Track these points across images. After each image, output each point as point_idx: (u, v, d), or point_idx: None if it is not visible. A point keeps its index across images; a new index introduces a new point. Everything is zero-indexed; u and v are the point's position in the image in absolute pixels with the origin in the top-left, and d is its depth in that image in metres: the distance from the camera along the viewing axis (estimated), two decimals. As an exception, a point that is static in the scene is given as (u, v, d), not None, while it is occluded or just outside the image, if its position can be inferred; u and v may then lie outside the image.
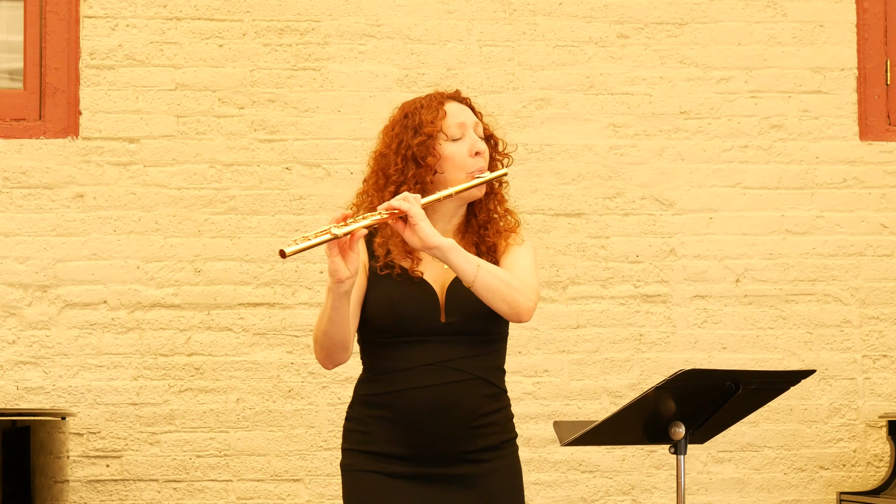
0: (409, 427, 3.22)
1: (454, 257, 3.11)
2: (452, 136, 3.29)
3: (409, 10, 5.27)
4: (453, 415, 3.21)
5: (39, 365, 5.09)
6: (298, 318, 5.16)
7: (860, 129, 5.37)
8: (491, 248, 3.31)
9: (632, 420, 3.12)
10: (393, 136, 3.32)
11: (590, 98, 5.30)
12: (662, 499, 5.22)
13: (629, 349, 5.25)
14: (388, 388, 3.24)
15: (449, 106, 3.32)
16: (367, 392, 3.30)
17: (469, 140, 3.30)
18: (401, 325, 3.22)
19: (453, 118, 3.30)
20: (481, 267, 3.13)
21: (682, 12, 5.34)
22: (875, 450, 5.30)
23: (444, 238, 3.11)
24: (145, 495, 5.09)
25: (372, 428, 3.26)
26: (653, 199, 5.30)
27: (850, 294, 5.33)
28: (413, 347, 3.23)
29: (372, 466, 3.26)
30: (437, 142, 3.27)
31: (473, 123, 3.33)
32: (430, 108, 3.30)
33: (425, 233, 3.08)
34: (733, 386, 3.09)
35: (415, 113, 3.32)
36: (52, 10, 5.15)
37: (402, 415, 3.22)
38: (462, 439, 3.23)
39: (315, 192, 5.20)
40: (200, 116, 5.20)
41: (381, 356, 3.27)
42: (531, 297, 3.20)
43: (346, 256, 3.09)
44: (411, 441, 3.22)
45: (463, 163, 3.28)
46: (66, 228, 5.13)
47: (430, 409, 3.20)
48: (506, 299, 3.15)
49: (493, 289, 3.14)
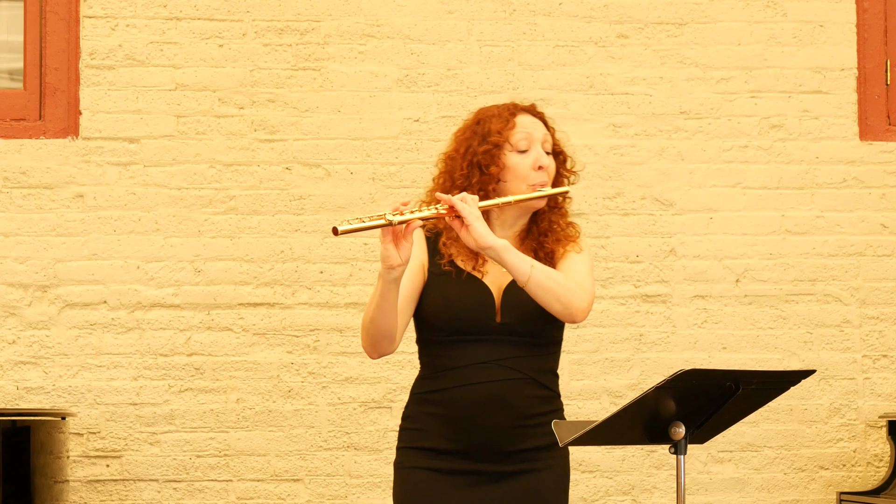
0: (463, 422, 3.29)
1: (508, 257, 3.19)
2: (518, 148, 3.35)
3: (409, 10, 5.27)
4: (505, 411, 3.29)
5: (39, 365, 5.09)
6: (298, 318, 5.16)
7: (860, 129, 5.37)
8: (549, 254, 3.38)
9: (632, 420, 3.12)
10: (462, 140, 3.40)
11: (590, 98, 5.30)
12: (662, 499, 5.22)
13: (629, 349, 5.25)
14: (443, 384, 3.32)
15: (520, 118, 3.39)
16: (424, 390, 3.38)
17: (534, 153, 3.36)
18: (456, 323, 3.30)
19: (521, 130, 3.36)
20: (535, 267, 3.21)
21: (682, 12, 5.35)
22: (875, 450, 5.30)
23: (497, 238, 3.19)
24: (145, 495, 5.09)
25: (425, 424, 3.34)
26: (653, 199, 5.31)
27: (850, 294, 5.33)
28: (468, 346, 3.30)
29: (422, 463, 3.34)
30: (502, 151, 3.34)
31: (542, 137, 3.39)
32: (500, 118, 3.37)
33: (479, 233, 3.16)
34: (733, 386, 3.09)
35: (486, 120, 3.39)
36: (52, 10, 5.15)
37: (456, 410, 3.29)
38: (513, 436, 3.30)
39: (315, 192, 5.20)
40: (200, 116, 5.20)
41: (438, 354, 3.34)
42: (585, 298, 3.27)
43: (399, 244, 3.15)
44: (463, 437, 3.30)
45: (525, 175, 3.35)
46: (66, 228, 5.13)
47: (483, 404, 3.28)
48: (560, 299, 3.22)
49: (547, 288, 3.21)
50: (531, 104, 3.45)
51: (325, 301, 5.18)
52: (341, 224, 3.08)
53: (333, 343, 5.16)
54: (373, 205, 5.20)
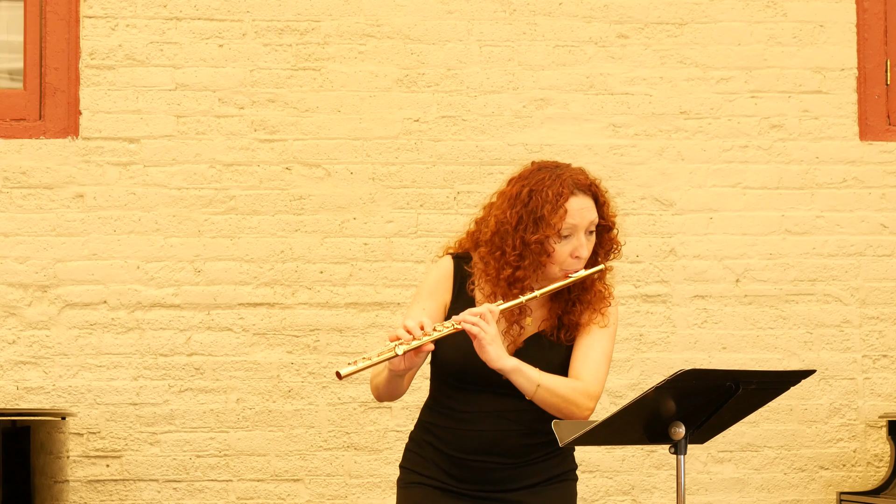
0: (460, 462, 3.38)
1: (516, 378, 3.28)
2: (562, 235, 3.36)
3: (409, 10, 5.27)
4: (501, 458, 3.37)
5: (39, 365, 5.09)
6: (298, 318, 5.16)
7: (860, 129, 5.37)
8: (574, 325, 3.43)
9: (632, 420, 3.12)
10: (514, 213, 3.38)
11: (590, 98, 5.30)
12: (662, 499, 5.22)
13: (629, 349, 5.25)
14: (447, 423, 3.41)
15: (571, 203, 3.36)
16: (429, 420, 3.47)
17: (574, 242, 3.37)
18: (464, 372, 3.37)
19: (570, 221, 3.35)
20: (540, 387, 3.30)
21: (682, 12, 5.34)
22: (875, 450, 5.30)
23: (509, 360, 3.27)
24: (145, 495, 5.09)
25: (426, 453, 3.44)
26: (653, 199, 5.31)
27: (850, 294, 5.33)
28: (477, 395, 3.38)
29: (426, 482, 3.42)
30: (550, 241, 3.35)
31: (587, 225, 3.38)
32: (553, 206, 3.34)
33: (491, 356, 3.25)
34: (733, 386, 3.09)
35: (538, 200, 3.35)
36: (52, 10, 5.15)
37: (454, 451, 3.39)
38: (508, 479, 3.39)
39: (315, 192, 5.20)
40: (200, 116, 5.20)
41: (447, 395, 3.43)
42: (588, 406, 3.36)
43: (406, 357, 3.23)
44: (460, 474, 3.39)
45: (562, 260, 3.37)
46: (66, 228, 5.13)
47: (481, 450, 3.37)
48: (561, 411, 3.33)
49: (550, 404, 3.32)
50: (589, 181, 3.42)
51: (325, 301, 5.18)
52: (345, 367, 3.15)
53: (333, 343, 5.16)
54: (373, 205, 5.20)
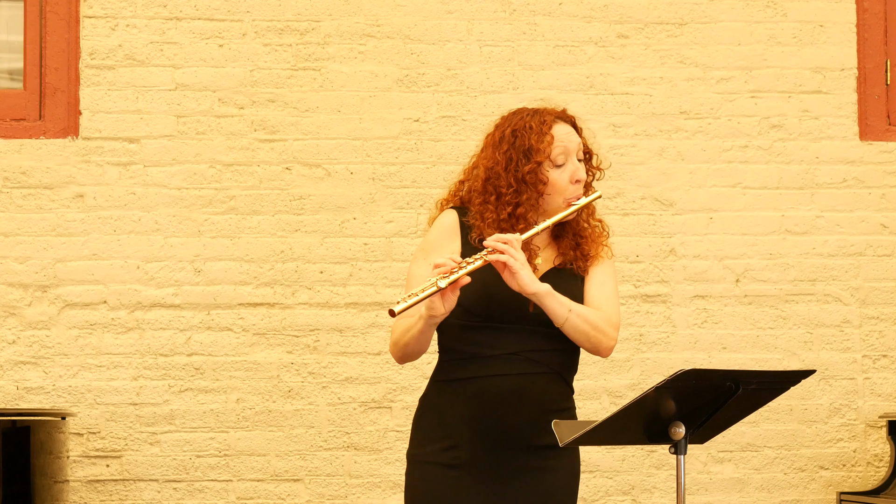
0: (483, 413, 3.33)
1: (548, 302, 3.29)
2: (556, 163, 3.40)
3: (409, 10, 5.27)
4: (527, 405, 3.34)
5: (39, 365, 5.09)
6: (298, 318, 5.16)
7: (860, 129, 5.37)
8: (585, 256, 3.45)
9: (632, 420, 3.12)
10: (502, 153, 3.42)
11: (590, 98, 5.30)
12: (662, 499, 5.22)
13: (629, 349, 5.25)
14: (467, 373, 3.37)
15: (556, 129, 3.41)
16: (448, 377, 3.41)
17: (571, 167, 3.41)
18: (490, 310, 3.35)
19: (559, 144, 3.39)
20: (572, 311, 3.31)
21: (682, 12, 5.35)
22: (875, 450, 5.30)
23: (540, 284, 3.27)
24: (145, 495, 5.09)
25: (445, 411, 3.38)
26: (653, 199, 5.31)
27: (850, 294, 5.33)
28: (498, 334, 3.36)
29: (439, 458, 3.37)
30: (543, 168, 3.38)
31: (576, 147, 3.43)
32: (538, 133, 3.39)
33: (524, 281, 3.25)
34: (733, 386, 3.09)
35: (523, 134, 3.41)
36: (52, 10, 5.15)
37: (481, 401, 3.34)
38: (532, 430, 3.34)
39: (315, 192, 5.20)
40: (200, 116, 5.20)
41: (466, 340, 3.38)
42: (613, 336, 3.39)
43: (446, 296, 3.23)
44: (482, 427, 3.34)
45: (563, 189, 3.40)
46: (66, 228, 5.13)
47: (506, 396, 3.33)
48: (591, 340, 3.35)
49: (581, 331, 3.33)
50: (563, 110, 3.48)
51: (325, 301, 5.18)
52: (396, 305, 3.15)
53: (333, 343, 5.17)
54: (373, 205, 5.20)
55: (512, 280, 3.25)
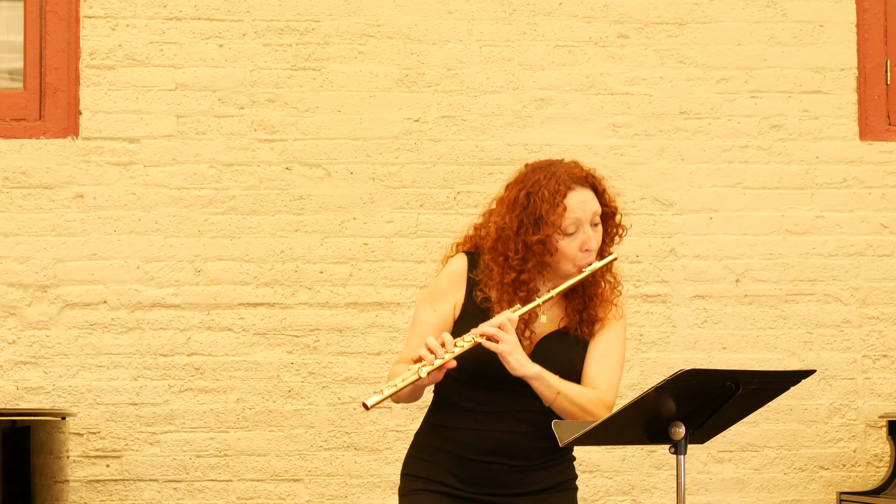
0: (472, 464, 3.35)
1: (537, 385, 3.29)
2: (567, 233, 3.35)
3: (409, 10, 5.27)
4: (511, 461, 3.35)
5: (39, 365, 5.09)
6: (298, 318, 5.16)
7: (860, 129, 5.37)
8: (591, 319, 3.42)
9: (632, 420, 3.12)
10: (513, 216, 3.37)
11: (590, 98, 5.30)
12: (662, 499, 5.22)
13: (629, 349, 5.25)
14: (458, 423, 3.39)
15: (570, 198, 3.34)
16: (438, 422, 3.44)
17: (581, 236, 3.36)
18: (483, 370, 3.33)
19: (571, 215, 3.33)
20: (560, 394, 3.30)
21: (682, 12, 5.34)
22: (875, 450, 5.30)
23: (531, 367, 3.27)
24: (145, 495, 5.09)
25: (436, 458, 3.40)
26: (653, 199, 5.31)
27: (850, 294, 5.33)
28: (488, 393, 3.36)
29: (430, 486, 3.39)
30: (552, 239, 3.33)
31: (591, 216, 3.36)
32: (551, 204, 3.32)
33: (513, 366, 3.25)
34: (733, 386, 3.09)
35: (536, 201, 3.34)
36: (52, 10, 5.15)
37: (466, 452, 3.36)
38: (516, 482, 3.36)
39: (315, 192, 5.20)
40: (200, 116, 5.20)
41: (456, 392, 3.39)
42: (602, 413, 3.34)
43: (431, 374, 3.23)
44: (469, 476, 3.36)
45: (573, 257, 3.36)
46: (66, 228, 5.13)
47: (491, 451, 3.35)
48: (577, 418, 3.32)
49: (569, 412, 3.33)
50: (585, 173, 3.40)
51: (325, 301, 5.18)
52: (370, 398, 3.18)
53: (333, 343, 5.16)
54: (373, 205, 5.20)
55: (504, 362, 3.25)
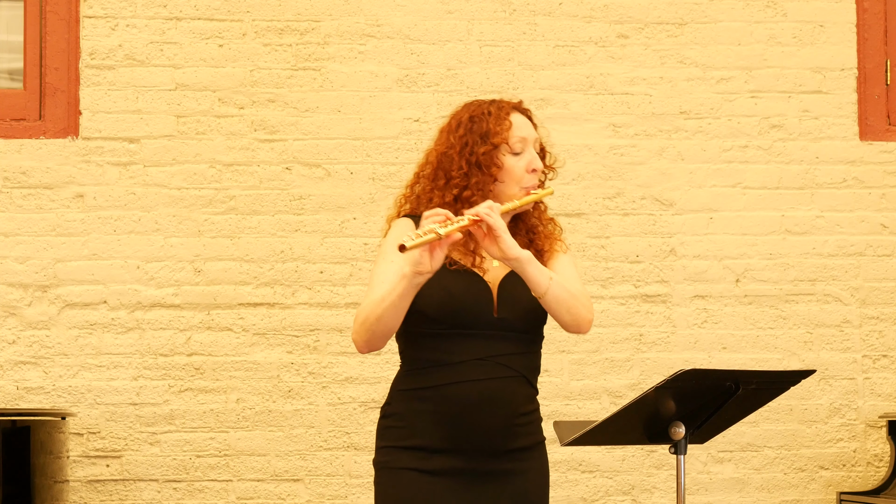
0: (455, 420, 3.27)
1: (531, 269, 3.20)
2: (514, 150, 3.36)
3: (409, 10, 5.27)
4: (497, 410, 3.28)
5: (39, 365, 5.09)
6: (298, 318, 5.16)
7: (860, 129, 5.37)
8: (539, 252, 3.39)
9: (632, 420, 3.12)
10: (457, 137, 3.37)
11: (590, 98, 5.30)
12: (662, 499, 5.22)
13: (629, 349, 5.25)
14: (435, 381, 3.30)
15: (514, 117, 3.39)
16: (411, 386, 3.34)
17: (528, 156, 3.37)
18: (454, 316, 3.28)
19: (518, 132, 3.37)
20: (553, 279, 3.22)
21: (682, 12, 5.35)
22: (875, 450, 5.30)
23: (522, 250, 3.19)
24: (145, 495, 5.09)
25: (413, 422, 3.31)
26: (653, 199, 5.31)
27: (850, 294, 5.33)
28: (464, 340, 3.29)
29: (410, 463, 3.30)
30: (500, 152, 3.35)
31: (534, 139, 3.40)
32: (497, 118, 3.36)
33: (507, 245, 3.17)
34: (733, 386, 3.10)
35: (481, 119, 3.38)
36: (52, 10, 5.15)
37: (449, 408, 3.27)
38: (504, 435, 3.29)
39: (315, 192, 5.20)
40: (200, 116, 5.20)
41: (431, 348, 3.31)
42: (591, 310, 3.32)
43: (434, 252, 3.15)
44: (454, 434, 3.27)
45: (520, 177, 3.36)
46: (66, 228, 5.13)
47: (476, 402, 3.26)
48: (571, 311, 3.26)
49: (563, 300, 3.24)
50: (520, 101, 3.46)
51: (325, 301, 5.18)
52: (405, 241, 3.06)
53: (333, 343, 5.16)
54: (373, 205, 5.20)
55: (493, 246, 3.18)
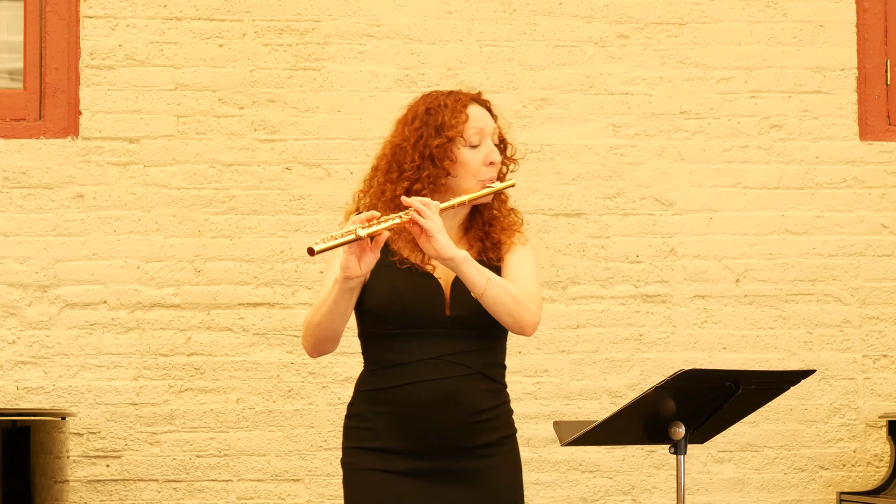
0: (413, 421, 3.23)
1: (466, 269, 3.14)
2: (470, 143, 3.31)
3: (409, 10, 5.27)
4: (456, 409, 3.23)
5: (39, 365, 5.09)
6: (298, 318, 5.16)
7: (860, 129, 5.37)
8: (496, 244, 3.34)
9: (632, 420, 3.12)
10: (412, 129, 3.33)
11: (590, 98, 5.30)
12: (662, 499, 5.22)
13: (629, 349, 5.25)
14: (391, 382, 3.26)
15: (471, 109, 3.33)
16: (370, 387, 3.32)
17: (485, 149, 3.32)
18: (405, 316, 3.24)
19: (474, 124, 3.32)
20: (491, 280, 3.17)
21: (682, 12, 5.35)
22: (875, 450, 5.30)
23: (458, 250, 3.14)
24: (145, 495, 5.09)
25: (375, 423, 3.28)
26: (653, 199, 5.31)
27: (850, 294, 5.33)
28: (416, 340, 3.25)
29: (376, 464, 3.27)
30: (455, 146, 3.29)
31: (492, 131, 3.34)
32: (453, 111, 3.31)
33: (441, 245, 3.11)
34: (733, 386, 3.10)
35: (437, 111, 3.33)
36: (52, 10, 5.15)
37: (406, 409, 3.23)
38: (464, 434, 3.25)
39: (315, 192, 5.20)
40: (200, 116, 5.20)
41: (384, 349, 3.28)
42: (536, 312, 3.25)
43: (363, 256, 3.12)
44: (415, 435, 3.24)
45: (476, 170, 3.31)
46: (66, 228, 5.13)
47: (434, 403, 3.22)
48: (512, 314, 3.20)
49: (502, 302, 3.18)
50: (478, 93, 3.40)
51: (325, 301, 5.17)
52: (316, 244, 3.02)
53: (333, 343, 5.16)
54: (373, 205, 5.19)
55: (428, 245, 3.11)
